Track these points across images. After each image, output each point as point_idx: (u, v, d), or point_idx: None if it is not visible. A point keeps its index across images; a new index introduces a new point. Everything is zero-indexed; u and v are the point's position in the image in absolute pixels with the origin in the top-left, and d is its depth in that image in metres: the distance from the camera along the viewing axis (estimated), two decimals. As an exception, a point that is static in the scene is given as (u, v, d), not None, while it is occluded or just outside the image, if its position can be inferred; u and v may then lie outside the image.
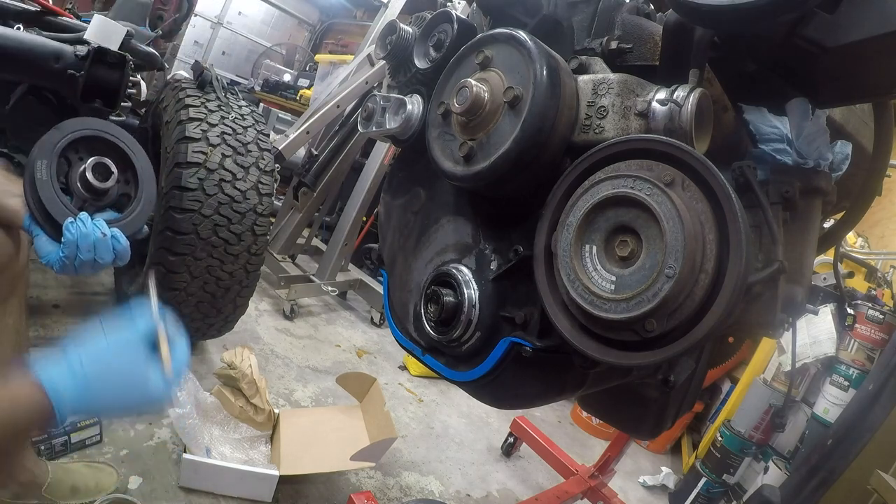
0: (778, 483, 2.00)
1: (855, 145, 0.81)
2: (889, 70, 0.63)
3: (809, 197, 0.76)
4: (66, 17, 1.74)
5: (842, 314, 2.22)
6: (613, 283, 0.56)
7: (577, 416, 3.01)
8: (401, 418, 2.27)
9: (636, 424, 1.16)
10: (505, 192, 0.74)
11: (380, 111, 0.90)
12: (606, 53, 0.75)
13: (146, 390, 0.67)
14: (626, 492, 2.48)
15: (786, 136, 0.71)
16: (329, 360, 2.55)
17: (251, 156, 1.76)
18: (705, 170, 0.54)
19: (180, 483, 1.44)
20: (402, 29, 0.92)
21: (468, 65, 0.76)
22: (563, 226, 0.62)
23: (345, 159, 3.09)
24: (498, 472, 2.20)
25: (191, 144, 1.62)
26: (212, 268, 1.71)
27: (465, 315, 0.76)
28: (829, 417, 2.13)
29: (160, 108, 1.84)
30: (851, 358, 2.16)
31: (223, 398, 1.68)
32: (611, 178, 0.58)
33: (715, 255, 0.52)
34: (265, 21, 6.86)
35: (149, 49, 1.85)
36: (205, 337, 2.05)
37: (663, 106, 0.62)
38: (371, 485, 1.80)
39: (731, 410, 2.55)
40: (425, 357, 0.86)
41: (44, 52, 1.52)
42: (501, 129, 0.69)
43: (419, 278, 0.89)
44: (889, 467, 1.34)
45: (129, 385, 0.66)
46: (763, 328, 0.71)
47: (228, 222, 1.67)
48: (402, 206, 0.98)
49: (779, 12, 0.54)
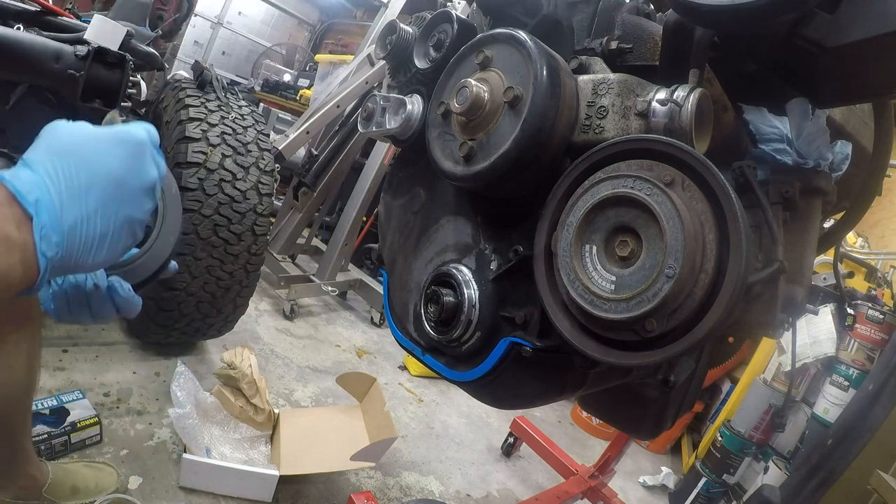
0: (778, 483, 2.00)
1: (855, 145, 0.81)
2: (889, 70, 0.63)
3: (809, 197, 0.76)
4: (66, 17, 1.74)
5: (842, 314, 2.22)
6: (613, 283, 0.56)
7: (577, 416, 3.01)
8: (401, 418, 2.27)
9: (636, 424, 1.16)
10: (505, 192, 0.74)
11: (380, 111, 0.90)
12: (606, 53, 0.75)
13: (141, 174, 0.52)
14: (626, 492, 2.48)
15: (786, 136, 0.71)
16: (329, 360, 2.55)
17: (251, 156, 1.76)
18: (705, 170, 0.54)
19: (180, 483, 1.44)
20: (402, 29, 0.92)
21: (468, 65, 0.76)
22: (563, 226, 0.62)
23: (345, 159, 3.09)
24: (498, 472, 2.20)
25: (191, 144, 1.62)
26: (212, 268, 1.71)
27: (465, 315, 0.75)
28: (829, 417, 2.13)
29: (160, 108, 1.84)
30: (851, 358, 2.16)
31: (223, 398, 1.68)
32: (611, 178, 0.58)
33: (715, 255, 0.52)
34: (265, 21, 6.86)
35: (149, 49, 1.85)
36: (205, 337, 2.05)
37: (663, 106, 0.62)
38: (371, 485, 1.80)
39: (731, 410, 2.55)
40: (425, 357, 0.86)
41: (44, 52, 1.52)
42: (501, 129, 0.69)
43: (419, 278, 0.88)
44: (889, 467, 1.34)
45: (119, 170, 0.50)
46: (763, 328, 0.71)
47: (228, 222, 1.67)
48: (402, 206, 0.98)
49: (779, 12, 0.54)
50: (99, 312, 0.64)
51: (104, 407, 1.63)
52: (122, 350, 1.94)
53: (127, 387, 1.76)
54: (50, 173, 0.47)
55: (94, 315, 0.64)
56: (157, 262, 0.70)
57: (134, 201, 0.52)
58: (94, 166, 0.49)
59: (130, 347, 1.97)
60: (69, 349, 1.82)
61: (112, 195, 0.50)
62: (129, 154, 0.52)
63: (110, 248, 0.51)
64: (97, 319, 0.65)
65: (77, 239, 0.48)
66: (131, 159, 0.52)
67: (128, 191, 0.51)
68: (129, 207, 0.52)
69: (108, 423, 1.56)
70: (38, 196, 0.45)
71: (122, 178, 0.51)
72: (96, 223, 0.49)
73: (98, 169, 0.49)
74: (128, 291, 0.65)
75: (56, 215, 0.46)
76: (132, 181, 0.52)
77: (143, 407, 1.70)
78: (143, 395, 1.75)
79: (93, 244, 0.49)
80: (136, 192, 0.52)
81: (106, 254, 0.51)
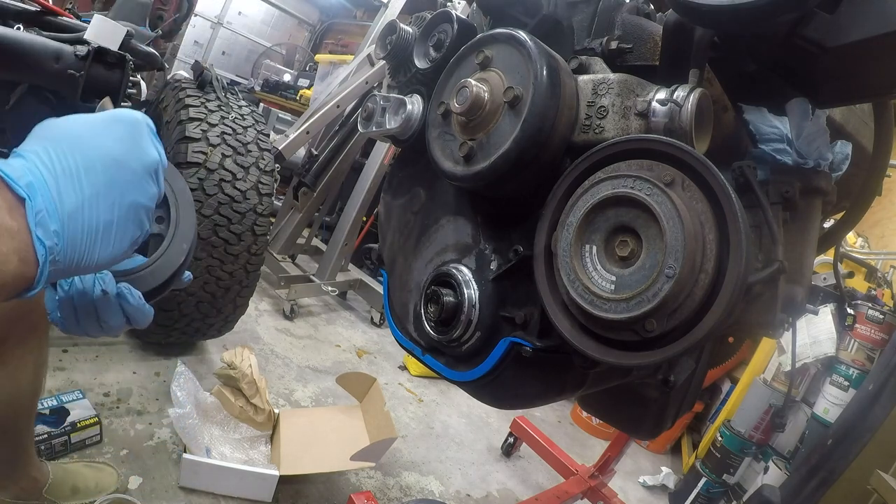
0: (778, 483, 2.00)
1: (855, 145, 0.81)
2: (889, 70, 0.63)
3: (809, 197, 0.76)
4: (66, 17, 1.74)
5: (842, 314, 2.22)
6: (613, 283, 0.56)
7: (577, 416, 3.01)
8: (401, 418, 2.27)
9: (636, 424, 1.16)
10: (505, 192, 0.74)
11: (380, 111, 0.90)
12: (606, 53, 0.75)
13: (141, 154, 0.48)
14: (626, 492, 2.48)
15: (786, 136, 0.71)
16: (329, 360, 2.55)
17: (251, 156, 1.76)
18: (705, 170, 0.54)
19: (180, 483, 1.44)
20: (402, 29, 0.92)
21: (468, 65, 0.76)
22: (563, 226, 0.62)
23: (345, 159, 3.09)
24: (498, 472, 2.20)
25: (191, 144, 1.62)
26: (212, 268, 1.71)
27: (465, 315, 0.75)
28: (829, 417, 2.13)
29: (160, 108, 1.84)
30: (851, 358, 2.16)
31: (223, 398, 1.68)
32: (611, 178, 0.58)
33: (715, 255, 0.52)
34: (265, 21, 6.86)
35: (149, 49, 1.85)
36: (205, 337, 2.05)
37: (663, 106, 0.62)
38: (371, 485, 1.80)
39: (731, 410, 2.55)
40: (425, 357, 0.86)
41: (44, 52, 1.52)
42: (501, 129, 0.69)
43: (419, 278, 0.88)
44: (889, 467, 1.34)
45: (118, 150, 0.47)
46: (763, 328, 0.71)
47: (228, 222, 1.67)
48: (402, 206, 0.98)
49: (779, 12, 0.54)
50: (108, 322, 0.60)
51: (104, 407, 1.63)
52: (122, 350, 1.94)
53: (127, 387, 1.76)
54: (42, 158, 0.43)
55: (102, 325, 0.60)
56: (169, 270, 0.66)
57: (137, 185, 0.48)
58: (90, 147, 0.45)
59: (130, 347, 1.97)
60: (69, 349, 1.82)
61: (112, 178, 0.46)
62: (127, 134, 0.48)
63: (117, 239, 0.47)
64: (106, 330, 0.61)
65: (79, 227, 0.43)
66: (129, 139, 0.48)
67: (129, 172, 0.47)
68: (132, 192, 0.47)
69: (108, 423, 1.56)
70: (31, 180, 0.41)
71: (121, 159, 0.47)
72: (98, 208, 0.45)
73: (94, 150, 0.45)
74: (138, 299, 0.61)
75: (52, 199, 0.41)
76: (132, 162, 0.48)
77: (143, 407, 1.70)
78: (143, 395, 1.75)
79: (97, 234, 0.45)
80: (138, 173, 0.48)
81: (113, 246, 0.47)
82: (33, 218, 0.40)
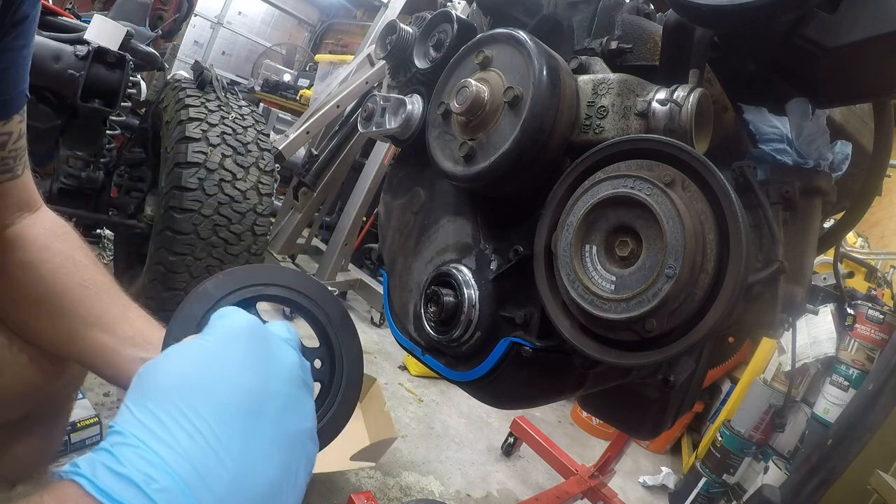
0: (778, 483, 2.00)
1: (855, 145, 0.81)
2: (889, 70, 0.63)
3: (809, 197, 0.76)
4: (66, 17, 1.74)
5: (842, 314, 2.22)
6: (613, 284, 0.56)
7: (577, 416, 3.01)
8: (401, 418, 2.27)
9: (636, 424, 1.16)
10: (505, 192, 0.74)
11: (380, 111, 0.90)
12: (606, 53, 0.75)
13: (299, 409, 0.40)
14: (626, 492, 2.48)
15: (786, 136, 0.71)
16: (329, 360, 2.54)
17: (251, 156, 1.76)
18: (705, 170, 0.54)
19: (180, 483, 1.44)
20: (402, 29, 0.92)
21: (468, 65, 0.76)
22: (563, 226, 0.62)
23: (345, 159, 3.09)
24: (498, 472, 2.20)
25: (191, 144, 1.62)
26: (212, 268, 1.71)
27: (465, 315, 0.75)
28: (829, 417, 2.13)
29: (160, 108, 1.84)
30: (851, 358, 2.16)
31: (223, 398, 1.68)
32: (611, 178, 0.58)
33: (715, 255, 0.52)
34: (265, 21, 6.87)
35: (149, 49, 1.85)
36: (205, 337, 2.05)
37: (663, 106, 0.62)
38: (371, 485, 1.80)
39: (731, 410, 2.55)
40: (425, 357, 0.86)
41: (44, 52, 1.52)
42: (501, 129, 0.69)
43: (419, 278, 0.88)
44: (889, 467, 1.34)
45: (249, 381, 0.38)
46: (763, 328, 0.71)
47: (228, 222, 1.67)
48: (402, 206, 0.98)
49: (779, 12, 0.54)
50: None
51: (104, 407, 1.63)
52: (122, 350, 1.94)
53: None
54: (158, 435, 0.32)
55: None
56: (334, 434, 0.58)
57: (290, 407, 0.39)
58: (215, 391, 0.35)
59: (130, 347, 1.97)
60: (69, 349, 1.82)
61: (257, 416, 0.36)
62: (249, 349, 0.39)
63: (287, 487, 0.36)
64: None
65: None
66: (254, 354, 0.39)
67: (274, 397, 0.38)
68: (287, 419, 0.38)
69: (108, 422, 1.56)
70: (164, 483, 0.30)
71: (258, 386, 0.37)
72: (254, 464, 0.34)
73: (223, 392, 0.36)
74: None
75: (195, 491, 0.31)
76: (272, 382, 0.38)
77: (143, 407, 1.70)
78: (143, 395, 1.75)
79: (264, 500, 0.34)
80: (282, 392, 0.39)
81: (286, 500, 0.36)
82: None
